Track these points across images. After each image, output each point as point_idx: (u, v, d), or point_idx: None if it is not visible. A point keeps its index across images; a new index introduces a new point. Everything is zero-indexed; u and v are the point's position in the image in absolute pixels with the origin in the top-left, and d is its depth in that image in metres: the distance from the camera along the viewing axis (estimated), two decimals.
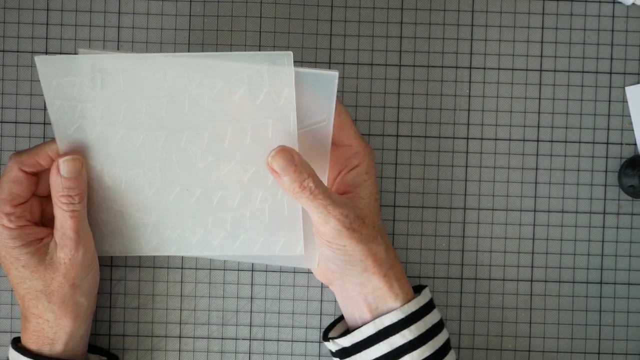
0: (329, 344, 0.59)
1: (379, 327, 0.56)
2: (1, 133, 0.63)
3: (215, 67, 0.54)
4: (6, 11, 0.63)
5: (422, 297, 0.58)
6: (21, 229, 0.55)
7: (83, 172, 0.55)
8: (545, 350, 0.64)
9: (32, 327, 0.57)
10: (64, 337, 0.57)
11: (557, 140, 0.63)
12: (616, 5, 0.63)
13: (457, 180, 0.63)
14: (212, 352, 0.63)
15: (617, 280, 0.64)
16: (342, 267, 0.56)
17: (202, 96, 0.55)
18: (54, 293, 0.55)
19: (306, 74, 0.54)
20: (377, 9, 0.63)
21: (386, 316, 0.56)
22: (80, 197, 0.55)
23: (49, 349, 0.57)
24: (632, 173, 0.62)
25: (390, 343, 0.56)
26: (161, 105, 0.55)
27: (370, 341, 0.56)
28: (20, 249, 0.55)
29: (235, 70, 0.54)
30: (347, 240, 0.54)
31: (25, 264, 0.55)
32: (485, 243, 0.63)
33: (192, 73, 0.54)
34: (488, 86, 0.63)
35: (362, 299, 0.57)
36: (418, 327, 0.56)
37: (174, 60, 0.54)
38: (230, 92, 0.54)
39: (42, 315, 0.56)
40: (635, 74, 0.63)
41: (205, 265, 0.63)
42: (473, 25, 0.63)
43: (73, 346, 0.58)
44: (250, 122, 0.55)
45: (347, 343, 0.57)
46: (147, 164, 0.57)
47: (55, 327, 0.56)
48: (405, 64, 0.63)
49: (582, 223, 0.63)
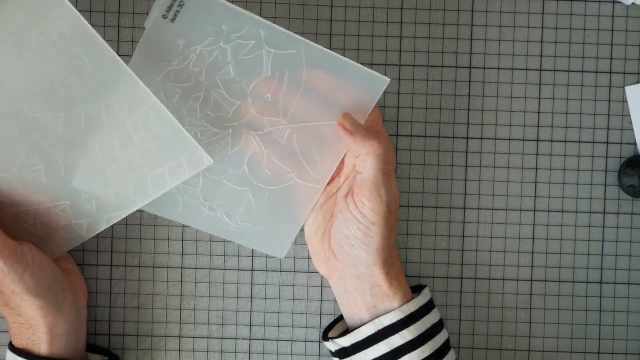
0: (329, 344, 0.59)
1: (379, 328, 0.56)
2: None
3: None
4: None
5: (422, 298, 0.58)
6: None
7: None
8: (545, 350, 0.64)
9: (14, 331, 0.56)
10: (44, 337, 0.56)
11: (557, 140, 0.63)
12: (616, 5, 0.63)
13: (457, 180, 0.63)
14: (212, 352, 0.63)
15: (617, 280, 0.64)
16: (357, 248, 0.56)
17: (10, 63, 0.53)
18: (7, 303, 0.55)
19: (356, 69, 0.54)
20: (377, 9, 0.63)
21: (386, 316, 0.56)
22: None
23: (36, 349, 0.56)
24: (632, 173, 0.62)
25: (390, 343, 0.56)
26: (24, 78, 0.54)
27: (370, 341, 0.56)
28: None
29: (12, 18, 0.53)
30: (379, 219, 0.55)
31: None
32: (485, 243, 0.64)
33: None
34: (488, 86, 0.63)
35: (359, 295, 0.57)
36: (417, 327, 0.56)
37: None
38: (26, 44, 0.53)
39: (15, 320, 0.56)
40: (635, 74, 0.63)
41: (205, 265, 0.63)
42: (473, 25, 0.63)
43: (60, 346, 0.56)
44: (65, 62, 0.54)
45: (347, 343, 0.57)
46: (20, 154, 0.55)
47: (30, 330, 0.56)
48: (405, 64, 0.63)
49: (582, 223, 0.63)
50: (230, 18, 0.54)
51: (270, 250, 0.60)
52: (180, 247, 0.63)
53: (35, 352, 0.56)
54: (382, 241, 0.56)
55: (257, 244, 0.60)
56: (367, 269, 0.56)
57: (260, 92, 0.56)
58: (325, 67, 0.56)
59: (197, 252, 0.63)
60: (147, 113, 0.55)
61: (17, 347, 0.57)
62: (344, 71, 0.55)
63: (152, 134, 0.55)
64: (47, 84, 0.54)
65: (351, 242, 0.56)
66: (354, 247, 0.56)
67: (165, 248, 0.63)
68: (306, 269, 0.63)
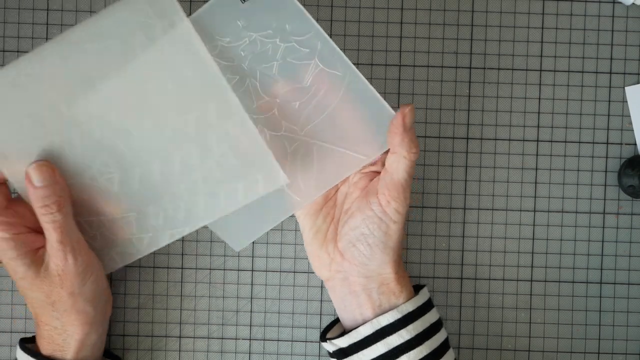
0: (326, 344, 0.59)
1: (376, 327, 0.56)
2: None
3: (106, 28, 0.52)
4: (6, 11, 0.63)
5: (420, 297, 0.58)
6: (17, 238, 0.54)
7: (57, 178, 0.53)
8: (545, 350, 0.64)
9: (44, 334, 0.56)
10: (74, 344, 0.56)
11: (556, 140, 0.63)
12: (616, 5, 0.63)
13: (457, 180, 0.63)
14: (212, 352, 0.63)
15: (616, 280, 0.64)
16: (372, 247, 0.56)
17: (108, 65, 0.52)
18: (55, 302, 0.55)
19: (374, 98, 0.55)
20: (377, 9, 0.63)
21: (383, 316, 0.56)
22: (59, 205, 0.53)
23: (61, 355, 0.56)
24: (632, 173, 0.62)
25: (388, 343, 0.56)
26: (76, 93, 0.53)
27: (368, 341, 0.56)
28: (17, 260, 0.54)
29: (124, 22, 0.52)
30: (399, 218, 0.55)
31: (23, 277, 0.54)
32: (485, 243, 0.64)
33: (87, 45, 0.52)
34: (488, 86, 0.63)
35: (366, 294, 0.57)
36: (415, 326, 0.56)
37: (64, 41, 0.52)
38: (130, 47, 0.52)
39: (50, 323, 0.56)
40: (635, 74, 0.63)
41: (205, 265, 0.63)
42: (473, 25, 0.63)
43: (85, 354, 0.57)
44: (164, 70, 0.53)
45: (344, 344, 0.57)
46: (97, 159, 0.54)
47: (63, 335, 0.56)
48: (405, 64, 0.63)
49: (582, 223, 0.64)
50: (297, 20, 0.54)
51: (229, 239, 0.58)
52: (180, 247, 0.63)
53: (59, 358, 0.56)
54: (399, 240, 0.56)
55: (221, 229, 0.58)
56: (378, 267, 0.56)
57: (291, 97, 0.56)
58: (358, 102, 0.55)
59: (197, 252, 0.63)
60: (234, 127, 0.54)
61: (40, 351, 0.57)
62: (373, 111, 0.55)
63: (234, 149, 0.54)
64: (139, 87, 0.53)
65: (367, 240, 0.56)
66: (369, 245, 0.56)
67: (165, 248, 0.63)
68: (306, 269, 0.63)
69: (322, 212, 0.58)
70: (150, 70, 0.53)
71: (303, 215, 0.58)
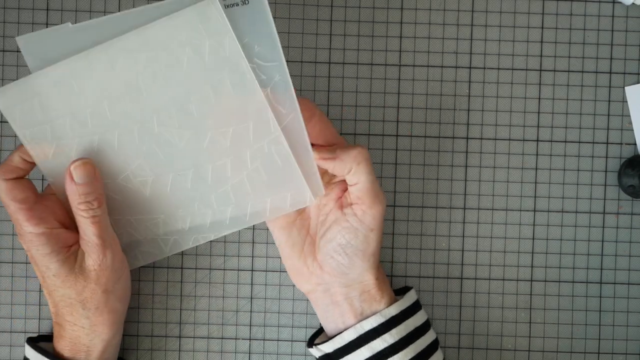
0: (313, 350, 0.59)
1: (360, 332, 0.56)
2: (1, 133, 0.63)
3: (154, 39, 0.53)
4: (6, 11, 0.63)
5: (404, 300, 0.58)
6: (49, 233, 0.54)
7: (97, 175, 0.54)
8: (545, 350, 0.64)
9: (68, 334, 0.56)
10: (100, 344, 0.56)
11: (556, 140, 0.63)
12: (616, 5, 0.63)
13: (457, 180, 0.63)
14: (212, 352, 0.63)
15: (616, 280, 0.64)
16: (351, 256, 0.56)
17: (154, 74, 0.54)
18: (87, 300, 0.55)
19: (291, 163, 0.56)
20: (377, 9, 0.63)
21: (367, 321, 0.56)
22: (99, 201, 0.54)
23: (84, 356, 0.56)
24: (632, 173, 0.62)
25: (371, 348, 0.56)
26: (121, 98, 0.54)
27: (352, 346, 0.56)
28: (50, 256, 0.54)
29: (173, 35, 0.53)
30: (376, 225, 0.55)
31: (56, 273, 0.54)
32: (485, 243, 0.64)
33: (136, 54, 0.53)
34: (488, 86, 0.63)
35: (348, 303, 0.57)
36: (399, 330, 0.56)
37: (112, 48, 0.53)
38: (177, 60, 0.54)
39: (77, 322, 0.56)
40: (635, 74, 0.63)
41: (205, 265, 0.63)
42: (473, 25, 0.63)
43: (109, 355, 0.57)
44: (208, 83, 0.54)
45: (329, 349, 0.57)
46: (133, 162, 0.56)
47: (91, 334, 0.56)
48: (405, 64, 0.63)
49: (582, 223, 0.64)
50: (268, 46, 0.54)
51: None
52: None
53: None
54: (378, 246, 0.56)
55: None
56: (359, 276, 0.56)
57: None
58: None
59: (197, 252, 0.63)
60: (269, 145, 0.56)
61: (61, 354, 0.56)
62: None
63: (266, 165, 0.56)
64: (182, 99, 0.54)
65: (346, 250, 0.56)
66: (347, 255, 0.56)
67: None
68: None
69: (295, 225, 0.58)
70: (195, 84, 0.54)
71: (277, 228, 0.58)
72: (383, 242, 0.63)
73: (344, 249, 0.56)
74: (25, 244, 0.55)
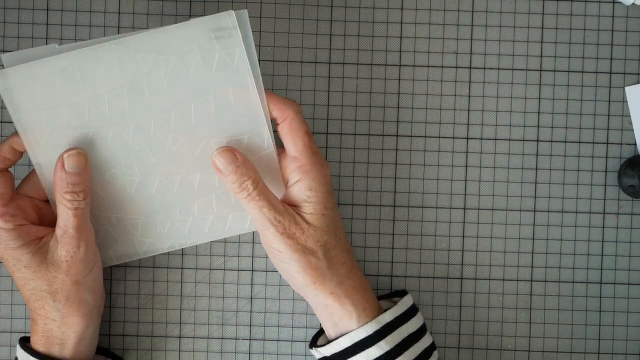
0: (314, 351, 0.59)
1: (355, 340, 0.56)
2: (1, 133, 0.63)
3: (166, 42, 0.53)
4: (6, 11, 0.63)
5: (398, 307, 0.58)
6: (20, 229, 0.54)
7: (87, 168, 0.55)
8: (545, 350, 0.64)
9: (40, 328, 0.56)
10: (73, 336, 0.56)
11: (556, 140, 0.63)
12: (616, 5, 0.63)
13: (457, 180, 0.63)
14: (212, 352, 0.63)
15: (616, 280, 0.64)
16: (288, 277, 0.57)
17: (160, 77, 0.54)
18: (57, 291, 0.55)
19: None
20: (377, 9, 0.63)
21: (362, 328, 0.56)
22: (85, 193, 0.54)
23: (58, 350, 0.56)
24: (632, 173, 0.62)
25: (368, 355, 0.56)
26: (123, 96, 0.54)
27: (348, 352, 0.56)
28: (21, 249, 0.54)
29: (185, 41, 0.53)
30: (282, 246, 0.55)
31: (27, 264, 0.55)
32: (485, 243, 0.64)
33: (145, 55, 0.53)
34: (488, 86, 0.63)
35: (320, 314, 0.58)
36: (393, 337, 0.56)
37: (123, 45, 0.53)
38: (185, 66, 0.54)
39: (49, 315, 0.56)
40: (635, 74, 0.63)
41: (205, 265, 0.63)
42: (473, 25, 0.63)
43: (83, 348, 0.57)
44: (211, 93, 0.55)
45: (328, 352, 0.58)
46: (123, 161, 0.56)
47: (63, 327, 0.56)
48: (405, 64, 0.63)
49: (582, 223, 0.64)
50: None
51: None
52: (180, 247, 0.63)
53: (56, 354, 0.56)
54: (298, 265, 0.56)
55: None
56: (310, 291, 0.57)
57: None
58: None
59: (196, 252, 0.63)
60: (261, 159, 0.56)
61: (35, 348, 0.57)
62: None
63: None
64: (183, 105, 0.55)
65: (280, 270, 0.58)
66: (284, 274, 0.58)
67: None
68: None
69: None
70: (199, 91, 0.54)
71: None
72: (383, 242, 0.63)
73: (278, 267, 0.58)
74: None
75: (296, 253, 0.55)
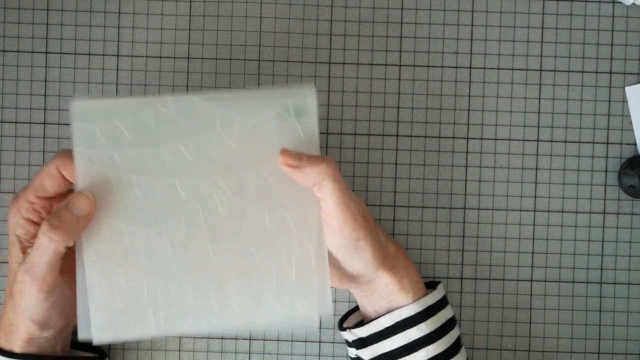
0: (346, 333, 0.59)
1: (397, 319, 0.56)
2: (1, 133, 0.63)
3: (247, 105, 0.53)
4: (6, 11, 0.63)
5: (437, 292, 0.58)
6: (27, 224, 0.53)
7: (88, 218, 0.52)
8: (545, 350, 0.64)
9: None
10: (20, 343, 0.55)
11: (557, 140, 0.63)
12: (616, 5, 0.63)
13: (457, 180, 0.63)
14: (212, 352, 0.63)
15: (617, 280, 0.64)
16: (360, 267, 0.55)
17: (230, 136, 0.53)
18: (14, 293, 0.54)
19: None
20: (377, 9, 0.63)
21: (404, 309, 0.56)
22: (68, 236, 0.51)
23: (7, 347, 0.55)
24: (632, 173, 0.62)
25: (407, 336, 0.56)
26: (189, 148, 0.53)
27: (388, 332, 0.56)
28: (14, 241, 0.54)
29: (264, 108, 0.53)
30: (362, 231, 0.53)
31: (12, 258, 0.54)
32: (485, 243, 0.64)
33: (224, 110, 0.53)
34: (488, 86, 0.63)
35: (377, 295, 0.57)
36: (434, 321, 0.56)
37: (209, 101, 0.52)
38: (259, 130, 0.53)
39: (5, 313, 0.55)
40: (635, 74, 0.63)
41: None
42: (473, 25, 0.63)
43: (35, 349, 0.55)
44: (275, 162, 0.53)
45: (364, 333, 0.57)
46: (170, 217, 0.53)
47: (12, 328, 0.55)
48: (405, 64, 0.63)
49: (582, 223, 0.64)
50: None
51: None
52: None
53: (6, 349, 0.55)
54: (372, 247, 0.54)
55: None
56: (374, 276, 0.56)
57: None
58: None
59: None
60: (309, 243, 0.53)
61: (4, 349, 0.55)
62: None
63: (297, 264, 0.53)
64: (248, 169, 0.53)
65: (348, 262, 0.55)
66: (352, 266, 0.55)
67: None
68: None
69: None
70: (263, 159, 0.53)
71: None
72: None
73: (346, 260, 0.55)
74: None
75: (371, 235, 0.54)
